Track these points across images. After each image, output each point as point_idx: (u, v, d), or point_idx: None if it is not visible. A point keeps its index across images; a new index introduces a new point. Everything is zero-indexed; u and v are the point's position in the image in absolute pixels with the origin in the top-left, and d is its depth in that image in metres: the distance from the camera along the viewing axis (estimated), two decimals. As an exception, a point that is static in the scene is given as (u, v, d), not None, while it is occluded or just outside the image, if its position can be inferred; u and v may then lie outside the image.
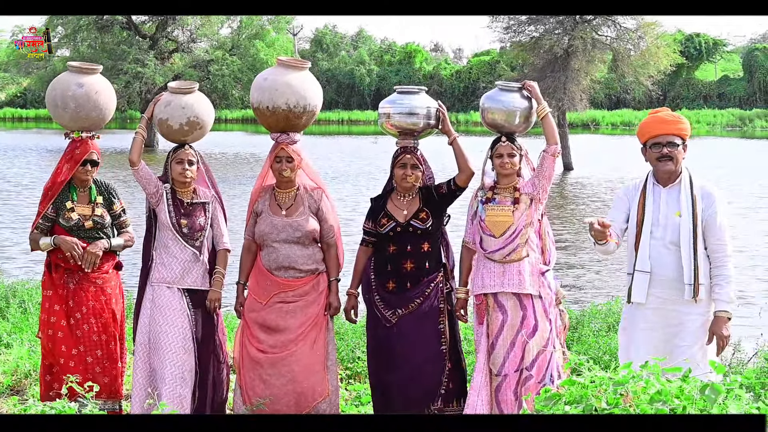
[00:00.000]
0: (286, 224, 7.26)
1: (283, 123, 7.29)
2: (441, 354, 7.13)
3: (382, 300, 7.19)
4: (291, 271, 7.26)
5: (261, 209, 7.38)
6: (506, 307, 6.97)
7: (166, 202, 7.38)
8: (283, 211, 7.31)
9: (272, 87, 7.24)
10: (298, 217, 7.27)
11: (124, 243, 7.61)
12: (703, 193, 6.46)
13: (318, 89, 7.44)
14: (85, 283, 7.49)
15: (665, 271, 6.47)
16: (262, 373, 7.22)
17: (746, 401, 4.19)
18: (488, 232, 7.02)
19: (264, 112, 7.29)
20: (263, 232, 7.29)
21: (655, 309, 6.52)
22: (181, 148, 7.44)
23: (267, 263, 7.29)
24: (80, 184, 7.56)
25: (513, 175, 7.06)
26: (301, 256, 7.26)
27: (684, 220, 6.42)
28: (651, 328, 6.52)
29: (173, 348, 7.28)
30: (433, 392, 7.08)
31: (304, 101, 7.25)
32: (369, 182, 30.86)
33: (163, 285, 7.35)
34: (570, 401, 4.33)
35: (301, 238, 7.25)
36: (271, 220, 7.28)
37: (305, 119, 7.34)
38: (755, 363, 8.63)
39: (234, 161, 41.32)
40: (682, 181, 6.49)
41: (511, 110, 7.06)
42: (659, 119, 6.65)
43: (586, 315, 10.32)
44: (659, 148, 6.53)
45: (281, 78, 7.27)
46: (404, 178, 7.15)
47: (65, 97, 7.47)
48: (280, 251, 7.25)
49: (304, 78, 7.35)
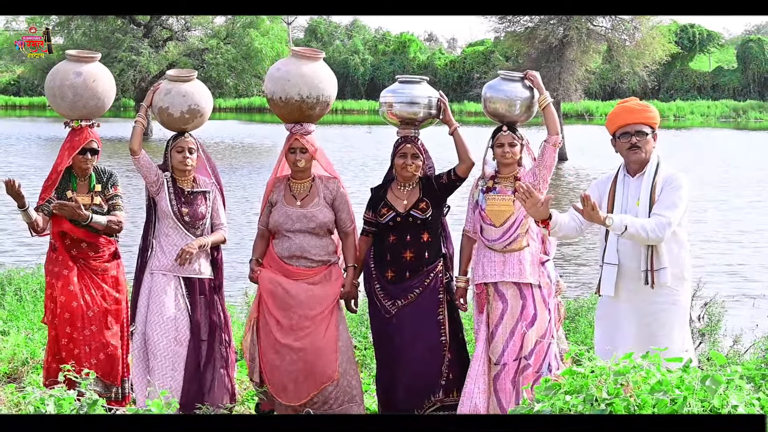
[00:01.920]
0: (301, 215, 7.26)
1: (297, 114, 7.28)
2: (440, 345, 7.15)
3: (382, 289, 7.21)
4: (303, 261, 7.26)
5: (276, 200, 7.38)
6: (506, 296, 6.98)
7: (167, 191, 7.38)
8: (298, 201, 7.31)
9: (285, 78, 7.23)
10: (313, 208, 7.28)
11: (106, 222, 7.48)
12: (665, 179, 6.31)
13: (332, 79, 7.44)
14: (88, 269, 7.50)
15: (631, 263, 6.35)
16: (276, 345, 7.24)
17: (747, 392, 4.20)
18: (489, 222, 7.03)
19: (277, 102, 7.28)
20: (277, 222, 7.29)
21: (628, 301, 6.41)
22: (181, 136, 7.43)
23: (279, 251, 7.30)
24: (80, 173, 7.55)
25: (514, 165, 7.07)
26: (314, 246, 7.26)
27: (641, 208, 6.30)
28: (627, 319, 6.40)
29: (165, 339, 7.28)
30: (433, 384, 7.11)
31: (317, 92, 7.25)
32: (360, 172, 30.84)
33: (160, 273, 7.35)
34: (570, 391, 4.34)
35: (315, 229, 7.26)
36: (285, 210, 7.29)
37: (319, 110, 7.34)
38: (752, 354, 8.66)
39: (228, 150, 41.22)
40: (647, 170, 6.37)
41: (513, 100, 7.07)
42: (627, 108, 6.54)
43: (583, 306, 10.33)
44: (628, 138, 6.41)
45: (294, 68, 7.26)
46: (404, 167, 7.15)
47: (63, 87, 7.45)
48: (293, 240, 7.25)
49: (317, 68, 7.33)
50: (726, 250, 18.04)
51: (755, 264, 16.89)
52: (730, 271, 15.95)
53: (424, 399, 7.09)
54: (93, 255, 7.53)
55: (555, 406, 4.29)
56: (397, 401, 7.17)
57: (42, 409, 4.56)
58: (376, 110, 50.55)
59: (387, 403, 7.32)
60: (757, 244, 18.99)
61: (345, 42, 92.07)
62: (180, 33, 52.53)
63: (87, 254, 7.51)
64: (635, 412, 4.10)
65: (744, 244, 18.94)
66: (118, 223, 7.58)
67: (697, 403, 4.09)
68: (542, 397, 4.41)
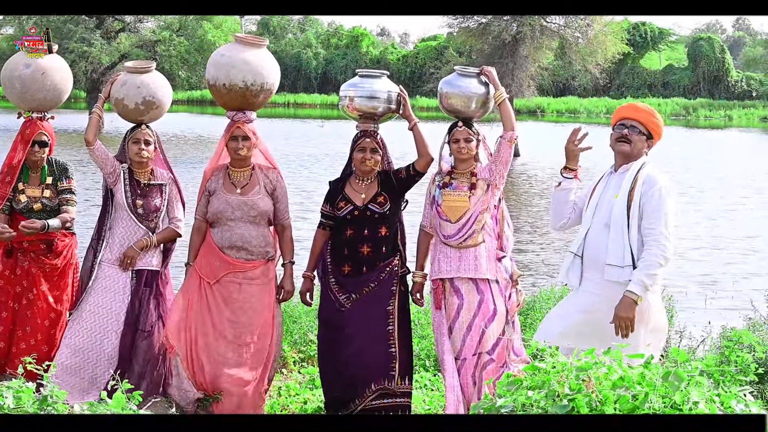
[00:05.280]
0: (242, 202, 7.19)
1: (240, 101, 7.20)
2: (387, 334, 7.11)
3: (337, 283, 7.17)
4: (243, 252, 7.20)
5: (214, 188, 7.29)
6: (462, 291, 6.99)
7: (123, 182, 7.33)
8: (238, 189, 7.24)
9: (229, 64, 7.15)
10: (254, 196, 7.21)
11: (60, 224, 7.48)
12: (645, 178, 6.33)
13: (275, 68, 7.36)
14: (36, 266, 7.45)
15: (599, 254, 6.37)
16: (225, 367, 7.20)
17: (708, 388, 4.22)
18: (444, 217, 7.04)
19: (220, 89, 7.19)
20: (217, 210, 7.21)
21: (591, 292, 6.44)
22: (138, 128, 7.39)
23: (219, 241, 7.22)
24: (32, 165, 7.53)
25: (470, 161, 7.08)
26: (255, 236, 7.20)
27: (618, 201, 6.34)
28: (587, 311, 6.42)
29: (106, 332, 7.27)
30: (379, 371, 7.06)
31: (262, 79, 7.17)
32: (313, 165, 30.80)
33: (110, 265, 7.32)
34: (532, 386, 4.35)
35: (256, 218, 7.20)
36: (225, 198, 7.21)
37: (262, 97, 7.26)
38: (704, 350, 8.71)
39: (178, 142, 40.98)
40: (632, 167, 6.41)
41: (469, 95, 7.09)
42: (631, 105, 6.65)
43: (537, 300, 10.31)
44: (621, 129, 6.49)
45: (238, 55, 7.17)
46: (363, 161, 7.12)
47: (12, 78, 7.48)
48: (234, 230, 7.19)
49: (261, 56, 7.25)
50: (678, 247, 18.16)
51: (710, 261, 17.05)
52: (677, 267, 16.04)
53: (370, 385, 7.05)
54: (48, 254, 7.51)
55: (517, 401, 4.30)
56: (341, 389, 7.14)
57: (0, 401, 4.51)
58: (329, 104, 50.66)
59: (330, 388, 7.28)
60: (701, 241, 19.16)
61: (298, 35, 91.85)
62: (132, 24, 52.21)
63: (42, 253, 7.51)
64: (597, 408, 4.11)
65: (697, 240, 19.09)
66: (69, 220, 7.57)
67: (659, 399, 4.11)
68: (504, 392, 4.41)
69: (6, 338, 7.48)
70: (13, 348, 7.44)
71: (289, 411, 7.69)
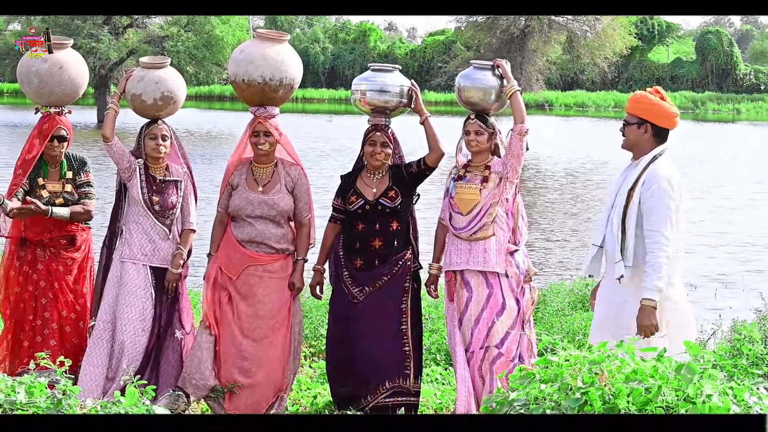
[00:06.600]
0: (262, 201, 7.20)
1: (259, 96, 7.21)
2: (400, 333, 7.15)
3: (350, 276, 7.20)
4: (263, 246, 7.21)
5: (237, 182, 7.31)
6: (471, 284, 7.02)
7: (139, 178, 7.33)
8: (259, 187, 7.25)
9: (248, 59, 7.17)
10: (275, 195, 7.22)
11: (69, 214, 7.48)
12: (647, 177, 6.24)
13: (297, 62, 7.36)
14: (57, 260, 7.48)
15: (609, 248, 6.35)
16: (240, 360, 7.23)
17: (721, 381, 4.21)
18: (456, 209, 7.06)
19: (240, 85, 7.22)
20: (238, 206, 7.23)
21: (604, 284, 6.49)
22: (154, 123, 7.39)
23: (239, 235, 7.23)
24: (50, 160, 7.54)
25: (484, 153, 7.09)
26: (274, 234, 7.22)
27: (619, 198, 6.32)
28: (602, 302, 6.46)
29: (134, 330, 7.25)
30: (392, 368, 7.10)
31: (280, 74, 7.18)
32: (322, 161, 30.81)
33: (130, 262, 7.31)
34: (545, 380, 4.36)
35: (276, 217, 7.21)
36: (246, 195, 7.22)
37: (282, 93, 7.26)
38: (715, 343, 8.71)
39: (186, 138, 40.93)
40: (641, 160, 6.33)
41: (486, 88, 7.12)
42: (629, 98, 6.58)
43: (547, 294, 10.33)
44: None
45: (257, 50, 7.19)
46: (374, 155, 7.14)
47: (29, 73, 7.49)
48: (254, 226, 7.20)
49: (281, 51, 7.25)
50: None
51: (720, 254, 17.03)
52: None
53: (379, 384, 7.09)
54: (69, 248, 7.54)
55: (530, 395, 4.31)
56: (351, 385, 7.17)
57: (12, 395, 4.52)
58: (337, 99, 50.46)
59: (340, 385, 7.30)
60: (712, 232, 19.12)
61: (305, 30, 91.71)
62: (140, 20, 52.11)
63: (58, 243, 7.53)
64: (610, 401, 4.12)
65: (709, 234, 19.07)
66: (86, 212, 7.56)
67: (672, 392, 4.11)
68: (517, 386, 4.42)
69: (30, 337, 7.49)
70: (42, 345, 7.43)
71: (300, 405, 7.69)
